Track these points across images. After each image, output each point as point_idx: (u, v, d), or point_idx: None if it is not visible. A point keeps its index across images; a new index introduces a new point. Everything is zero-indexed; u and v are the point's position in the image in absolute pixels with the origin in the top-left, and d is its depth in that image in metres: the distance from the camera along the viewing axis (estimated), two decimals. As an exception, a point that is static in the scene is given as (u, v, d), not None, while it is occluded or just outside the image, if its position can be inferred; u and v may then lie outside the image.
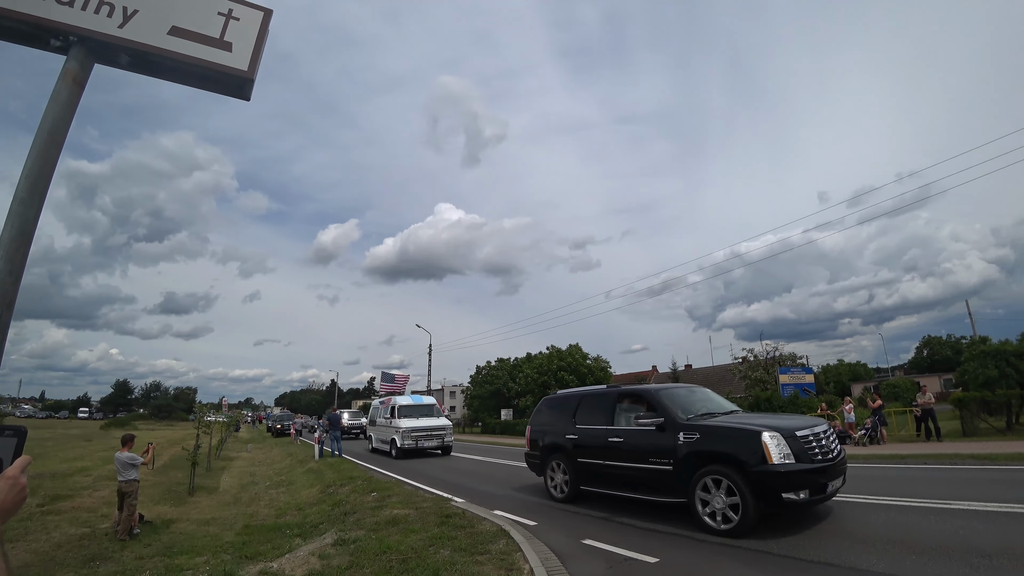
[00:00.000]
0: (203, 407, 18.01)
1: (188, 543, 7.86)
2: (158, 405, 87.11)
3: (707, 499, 6.12)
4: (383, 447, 19.54)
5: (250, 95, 2.62)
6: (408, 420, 18.16)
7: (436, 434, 18.14)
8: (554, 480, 8.84)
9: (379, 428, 20.38)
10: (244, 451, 27.36)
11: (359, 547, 5.98)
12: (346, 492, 10.74)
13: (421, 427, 17.94)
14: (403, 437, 17.52)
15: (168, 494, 12.35)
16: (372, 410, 23.10)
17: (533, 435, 9.62)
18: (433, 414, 19.33)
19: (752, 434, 5.95)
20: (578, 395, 9.13)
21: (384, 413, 19.81)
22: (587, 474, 8.12)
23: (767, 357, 30.00)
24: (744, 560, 5.28)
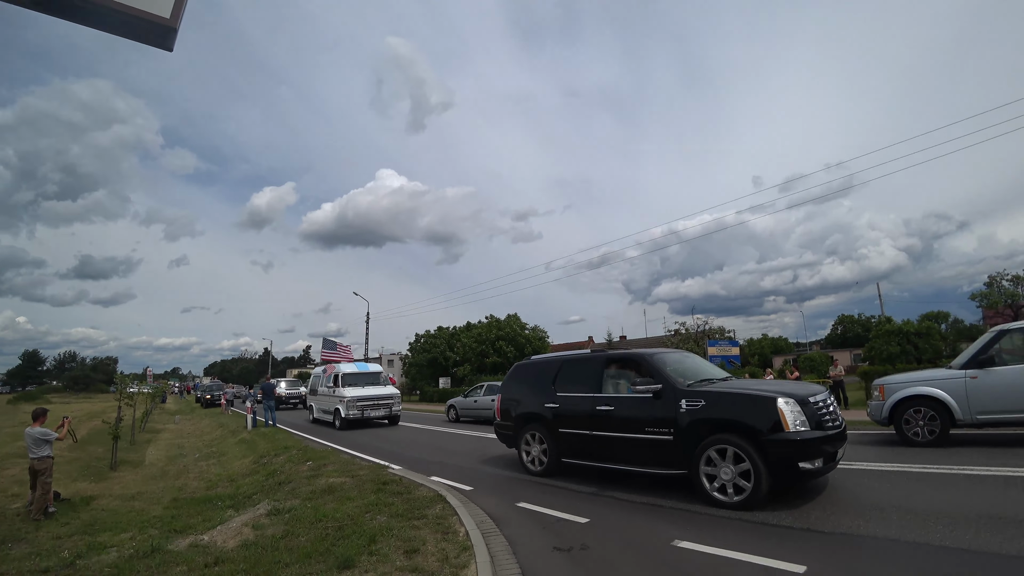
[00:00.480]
0: (124, 378, 16.84)
1: (111, 520, 7.55)
2: (74, 376, 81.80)
3: (713, 472, 5.75)
4: (326, 417, 18.82)
5: (173, 45, 2.42)
6: (353, 389, 17.55)
7: (383, 403, 17.60)
8: (530, 453, 8.15)
9: (321, 398, 19.55)
10: (171, 423, 26.26)
11: (294, 516, 5.95)
12: (280, 462, 10.59)
13: (367, 396, 17.35)
14: (348, 407, 16.88)
15: (87, 470, 11.73)
16: (313, 379, 22.08)
17: (504, 404, 8.91)
18: (380, 382, 18.76)
19: (766, 400, 5.59)
20: (557, 360, 8.35)
21: (327, 382, 18.98)
22: (570, 446, 7.54)
23: (698, 330, 31.59)
24: (670, 519, 5.67)
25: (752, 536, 4.79)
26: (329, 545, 4.81)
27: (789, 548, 4.36)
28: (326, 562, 4.38)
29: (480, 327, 43.89)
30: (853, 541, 4.51)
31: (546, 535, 5.17)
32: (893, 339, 22.48)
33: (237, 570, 4.35)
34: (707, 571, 4.08)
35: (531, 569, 4.30)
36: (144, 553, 5.07)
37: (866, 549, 4.31)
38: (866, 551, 4.27)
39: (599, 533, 5.15)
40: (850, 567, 3.97)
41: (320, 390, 19.74)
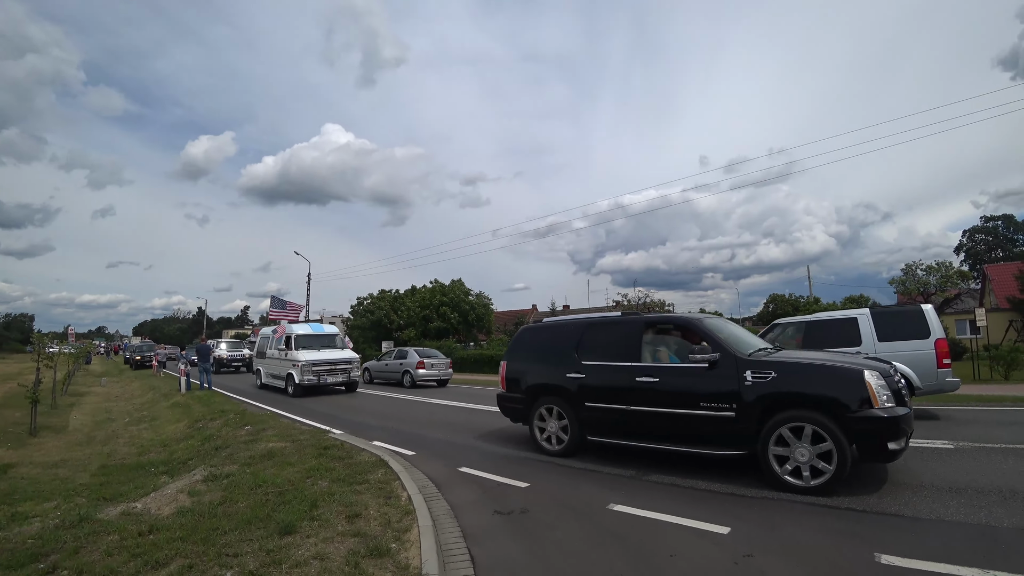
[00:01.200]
0: (43, 337, 15.76)
1: (33, 488, 7.23)
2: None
3: (784, 452, 5.19)
4: (276, 383, 17.50)
5: None
6: (308, 352, 16.17)
7: (341, 368, 16.45)
8: (546, 429, 7.26)
9: (270, 361, 18.10)
10: (98, 385, 24.98)
11: (232, 482, 5.87)
12: (217, 426, 10.35)
13: (323, 360, 16.08)
14: (302, 372, 15.54)
15: (4, 436, 11.08)
16: (260, 340, 20.11)
17: (511, 373, 7.94)
18: (336, 345, 17.63)
19: (852, 372, 5.11)
20: (579, 324, 7.40)
21: (277, 344, 17.44)
22: (599, 422, 6.70)
23: (639, 303, 32.69)
24: (591, 479, 5.98)
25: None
26: (270, 511, 4.79)
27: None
28: (267, 528, 4.38)
29: (424, 292, 43.65)
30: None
31: (487, 500, 5.34)
32: (819, 319, 24.41)
33: (174, 537, 4.28)
34: (638, 531, 4.36)
35: (473, 532, 4.45)
36: (71, 523, 4.90)
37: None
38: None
39: (539, 497, 5.37)
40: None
41: (269, 353, 18.18)
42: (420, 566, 3.68)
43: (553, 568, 3.73)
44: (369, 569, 3.63)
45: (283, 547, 3.99)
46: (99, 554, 4.08)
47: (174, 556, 3.92)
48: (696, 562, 3.70)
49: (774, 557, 3.71)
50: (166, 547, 4.09)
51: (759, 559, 3.68)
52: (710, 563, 3.68)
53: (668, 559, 3.76)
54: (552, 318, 8.25)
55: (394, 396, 16.05)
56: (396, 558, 3.83)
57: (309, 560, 3.76)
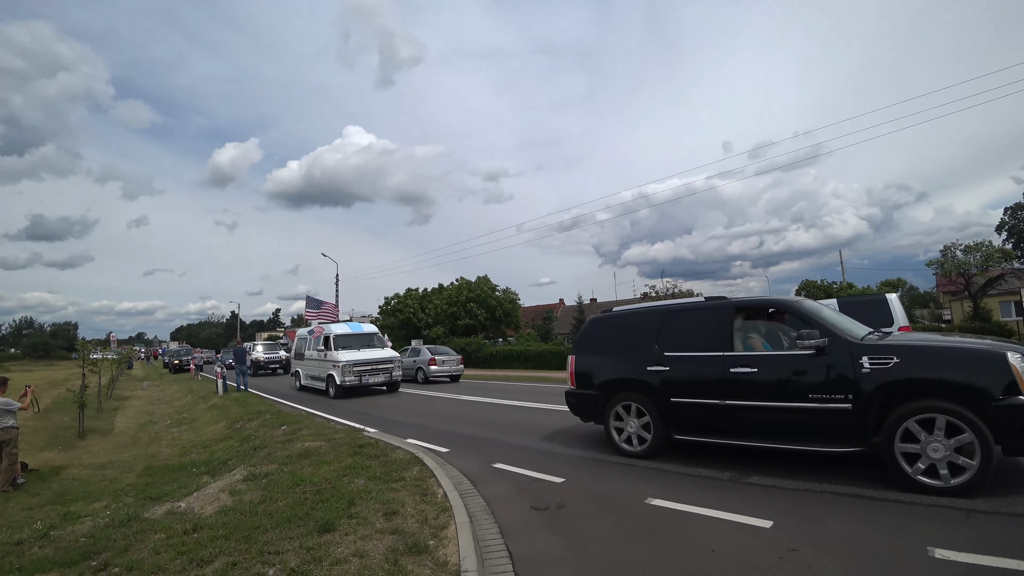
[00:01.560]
0: (87, 344, 16.31)
1: (83, 489, 7.49)
2: (33, 344, 79.29)
3: (913, 449, 4.62)
4: (316, 385, 16.93)
5: None
6: (348, 352, 15.61)
7: (382, 367, 15.82)
8: (624, 429, 6.63)
9: (309, 363, 17.50)
10: (139, 389, 25.83)
11: (271, 481, 5.98)
12: (254, 427, 10.57)
13: (365, 360, 15.46)
14: (344, 372, 14.96)
15: (55, 439, 11.53)
16: (298, 341, 19.40)
17: (581, 368, 7.31)
18: (376, 344, 17.01)
19: (993, 356, 4.54)
20: (656, 312, 6.83)
21: (315, 344, 16.85)
22: (688, 419, 6.11)
23: (667, 293, 32.25)
24: (628, 474, 5.90)
25: (719, 490, 5.00)
26: (308, 509, 4.86)
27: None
28: (306, 526, 4.44)
29: (451, 289, 43.85)
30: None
31: (523, 495, 5.31)
32: (854, 305, 23.74)
33: (217, 536, 4.37)
34: (677, 525, 4.28)
35: (509, 528, 4.43)
36: (120, 522, 5.05)
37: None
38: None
39: (574, 492, 5.32)
40: (809, 517, 4.20)
41: (308, 354, 17.62)
42: (459, 563, 3.67)
43: (592, 563, 3.68)
44: (408, 566, 3.64)
45: (323, 545, 4.03)
46: (147, 552, 4.19)
47: (218, 554, 4.00)
48: (738, 556, 3.61)
49: (821, 551, 3.59)
50: (210, 545, 4.18)
51: (805, 553, 3.57)
52: (753, 557, 3.58)
53: (709, 553, 3.67)
54: (623, 307, 7.55)
55: (416, 393, 16.13)
56: (434, 555, 3.83)
57: (349, 557, 3.79)
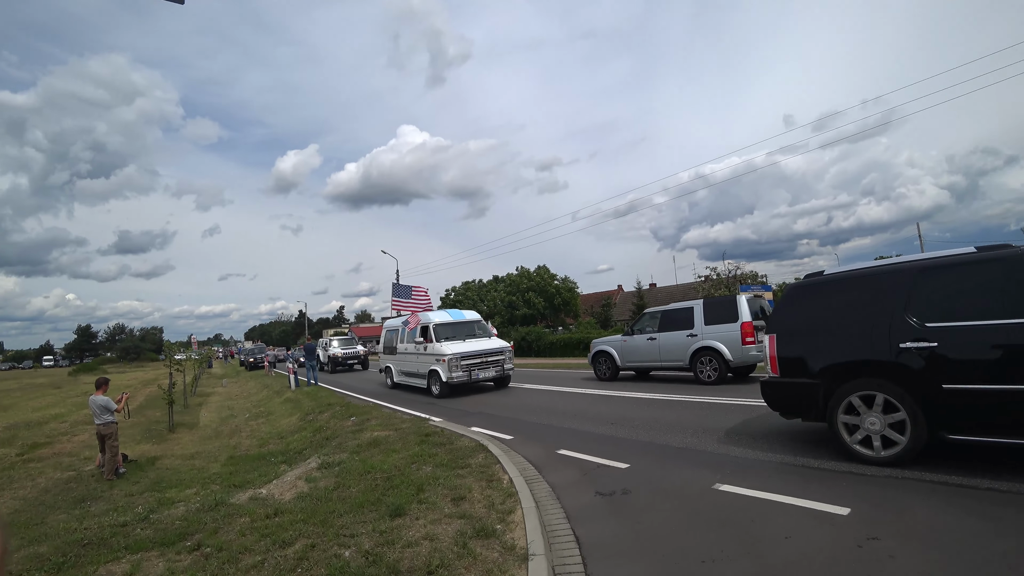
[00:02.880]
0: (172, 346, 17.58)
1: (175, 477, 8.05)
2: (125, 347, 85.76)
3: None
4: (412, 382, 14.84)
5: None
6: (452, 344, 13.34)
7: (492, 360, 13.37)
8: (861, 427, 5.10)
9: (404, 358, 15.31)
10: (219, 386, 27.48)
11: (343, 469, 6.23)
12: (325, 419, 11.04)
13: (473, 352, 13.11)
14: (450, 367, 12.59)
15: (148, 433, 12.45)
16: (387, 334, 17.17)
17: (788, 350, 5.71)
18: (479, 332, 14.60)
19: None
20: (905, 271, 5.14)
21: (410, 337, 14.78)
22: (970, 414, 4.52)
23: (729, 276, 31.01)
24: (694, 459, 5.76)
25: (793, 475, 4.81)
26: (379, 495, 5.04)
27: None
28: (378, 511, 4.60)
29: (511, 278, 44.18)
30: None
31: (587, 481, 5.31)
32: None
33: (296, 520, 4.61)
34: (747, 511, 4.14)
35: (575, 514, 4.44)
36: (209, 506, 5.41)
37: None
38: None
39: (639, 478, 5.25)
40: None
41: (401, 348, 15.49)
42: (526, 546, 3.71)
43: (659, 549, 3.63)
44: (477, 549, 3.71)
45: (394, 528, 4.17)
46: (234, 534, 4.47)
47: (298, 536, 4.22)
48: (813, 545, 3.45)
49: (903, 541, 3.38)
50: (290, 528, 4.40)
51: (886, 542, 3.37)
52: (830, 546, 3.42)
53: (782, 541, 3.54)
54: (850, 268, 5.89)
55: (599, 392, 16.18)
56: (502, 538, 3.88)
57: (420, 540, 3.90)
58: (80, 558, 4.33)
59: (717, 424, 7.17)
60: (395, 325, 16.61)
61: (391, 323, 17.28)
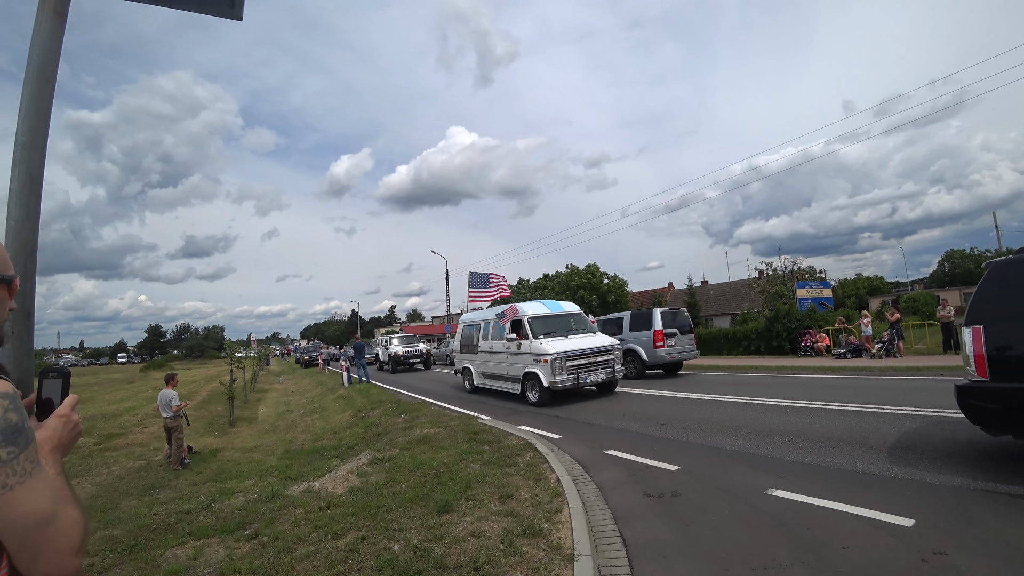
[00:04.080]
0: (233, 344, 18.41)
1: (235, 469, 8.41)
2: (190, 346, 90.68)
3: None
4: (499, 386, 12.42)
5: (242, 13, 2.45)
6: (553, 341, 10.90)
7: (601, 360, 10.95)
8: None
9: (489, 357, 12.84)
10: (277, 383, 28.58)
11: (394, 464, 6.35)
12: (377, 415, 11.28)
13: (581, 351, 10.69)
14: (554, 369, 10.20)
15: (211, 426, 13.08)
16: (464, 329, 14.65)
17: (1001, 345, 4.40)
18: (579, 327, 11.99)
19: None
20: None
21: (498, 332, 12.37)
22: None
23: (786, 271, 29.70)
24: (746, 462, 5.55)
25: (856, 482, 4.58)
26: (428, 491, 5.10)
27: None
28: (427, 506, 4.65)
29: (562, 275, 44.07)
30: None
31: (635, 482, 5.21)
32: (1016, 272, 20.26)
33: (348, 513, 4.72)
34: (802, 518, 3.96)
35: (622, 514, 4.35)
36: (266, 497, 5.63)
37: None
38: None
39: (689, 480, 5.11)
40: (970, 513, 3.71)
41: (484, 346, 13.09)
42: (573, 546, 3.66)
43: (708, 553, 3.51)
44: (523, 547, 3.69)
45: (442, 524, 4.21)
46: (289, 524, 4.62)
47: (349, 529, 4.32)
48: (874, 556, 3.26)
49: (973, 555, 3.16)
50: (342, 521, 4.51)
51: (954, 557, 3.15)
52: (892, 558, 3.22)
53: (840, 551, 3.36)
54: None
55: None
56: (548, 538, 3.85)
57: (467, 537, 3.92)
58: (149, 541, 4.58)
59: (770, 427, 6.89)
60: (475, 319, 14.37)
61: (470, 317, 15.31)
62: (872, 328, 16.97)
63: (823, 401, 8.33)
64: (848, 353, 16.14)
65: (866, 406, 7.65)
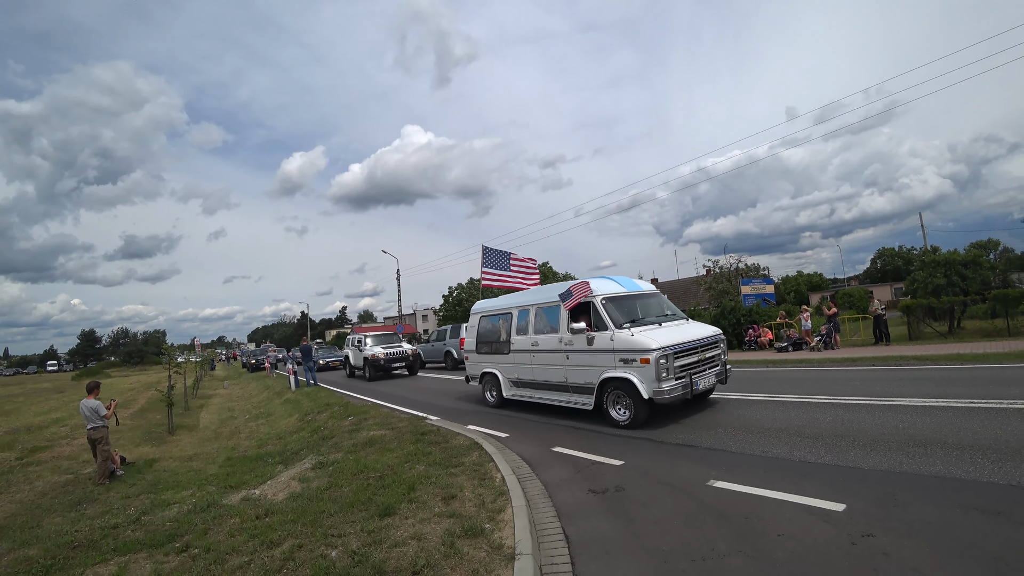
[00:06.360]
0: (172, 349, 17.59)
1: (172, 479, 8.02)
2: (128, 352, 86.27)
3: None
4: (556, 400, 8.75)
5: None
6: (648, 330, 7.53)
7: (711, 357, 7.86)
8: None
9: (530, 359, 9.27)
10: (221, 388, 27.52)
11: (337, 468, 6.20)
12: (324, 419, 11.01)
13: (688, 343, 7.44)
14: (660, 371, 6.89)
15: (148, 435, 12.45)
16: (484, 321, 10.96)
17: None
18: (667, 314, 8.58)
19: None
20: None
21: (548, 322, 8.93)
22: None
23: (731, 269, 30.79)
24: (689, 456, 5.73)
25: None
26: (371, 494, 5.00)
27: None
28: (368, 510, 4.56)
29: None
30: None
31: (581, 478, 5.26)
32: (939, 270, 21.53)
33: (286, 520, 4.57)
34: (741, 508, 4.09)
35: (567, 511, 4.39)
36: (201, 508, 5.39)
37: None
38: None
39: (634, 475, 5.21)
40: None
41: (521, 342, 9.50)
42: (514, 545, 3.67)
43: (650, 546, 3.58)
44: (464, 548, 3.67)
45: (383, 528, 4.13)
46: (223, 535, 4.44)
47: (286, 537, 4.18)
48: (808, 541, 3.41)
49: (899, 537, 3.34)
50: (279, 528, 4.37)
51: (881, 539, 3.33)
52: (824, 543, 3.37)
53: (776, 538, 3.49)
54: None
55: (449, 377, 16.17)
56: (490, 538, 3.84)
57: (407, 540, 3.87)
58: (68, 560, 4.32)
59: (713, 419, 7.11)
60: (502, 306, 10.48)
61: (492, 304, 11.07)
62: (811, 322, 17.78)
63: (764, 393, 8.65)
64: (789, 347, 16.86)
65: (804, 397, 8.00)
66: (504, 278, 14.57)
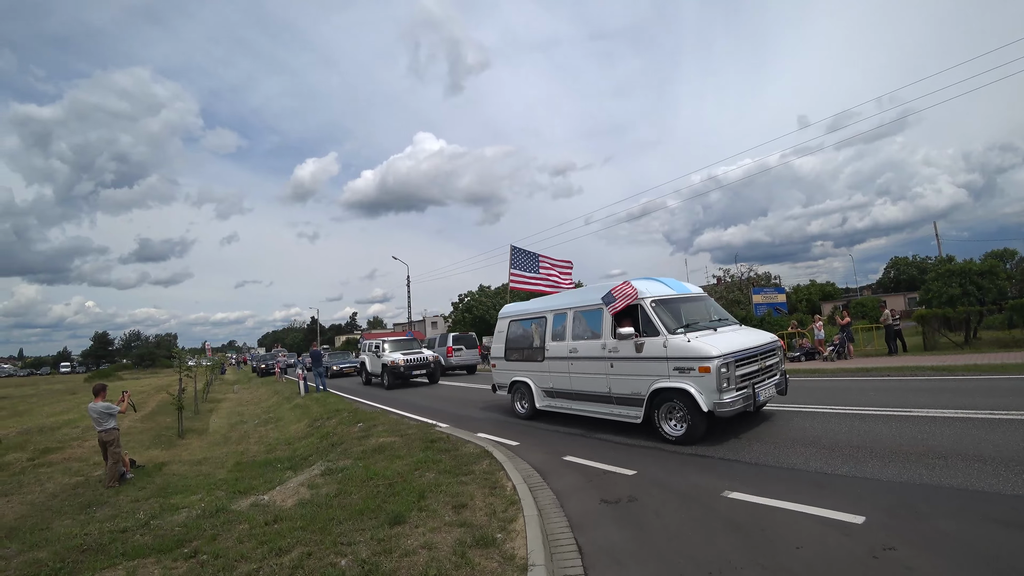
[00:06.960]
0: (183, 352, 17.72)
1: (182, 483, 8.02)
2: (140, 354, 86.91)
3: None
4: (597, 412, 8.05)
5: None
6: (703, 336, 6.96)
7: (771, 365, 7.36)
8: None
9: (563, 366, 8.66)
10: (231, 392, 27.62)
11: (346, 475, 6.16)
12: (333, 424, 10.98)
13: (749, 350, 6.90)
14: (720, 380, 6.26)
15: (158, 439, 12.49)
16: (513, 326, 10.39)
17: None
18: (717, 317, 8.01)
19: None
20: None
21: (589, 327, 8.28)
22: None
23: (742, 278, 30.60)
24: (703, 466, 5.63)
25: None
26: (380, 502, 4.95)
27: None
28: (378, 518, 4.52)
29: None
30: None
31: (593, 488, 5.19)
32: (954, 279, 21.23)
33: (295, 527, 4.54)
34: (757, 519, 4.01)
35: (579, 521, 4.32)
36: (210, 513, 5.37)
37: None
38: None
39: (646, 485, 5.13)
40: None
41: (557, 348, 8.83)
42: (526, 556, 3.61)
43: (664, 558, 3.51)
44: (475, 559, 3.61)
45: (393, 536, 4.09)
46: (232, 541, 4.41)
47: (295, 544, 4.14)
48: (827, 555, 3.32)
49: (922, 551, 3.25)
50: (288, 535, 4.34)
51: (902, 552, 3.24)
52: (844, 556, 3.29)
53: (793, 551, 3.41)
54: None
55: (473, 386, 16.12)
56: (502, 548, 3.78)
57: (418, 549, 3.82)
58: (77, 564, 4.30)
59: (725, 429, 7.01)
60: (535, 310, 9.91)
61: (523, 308, 10.55)
62: (824, 332, 17.57)
63: (776, 403, 8.53)
64: (802, 356, 16.66)
65: (818, 407, 7.88)
66: (534, 280, 13.67)
